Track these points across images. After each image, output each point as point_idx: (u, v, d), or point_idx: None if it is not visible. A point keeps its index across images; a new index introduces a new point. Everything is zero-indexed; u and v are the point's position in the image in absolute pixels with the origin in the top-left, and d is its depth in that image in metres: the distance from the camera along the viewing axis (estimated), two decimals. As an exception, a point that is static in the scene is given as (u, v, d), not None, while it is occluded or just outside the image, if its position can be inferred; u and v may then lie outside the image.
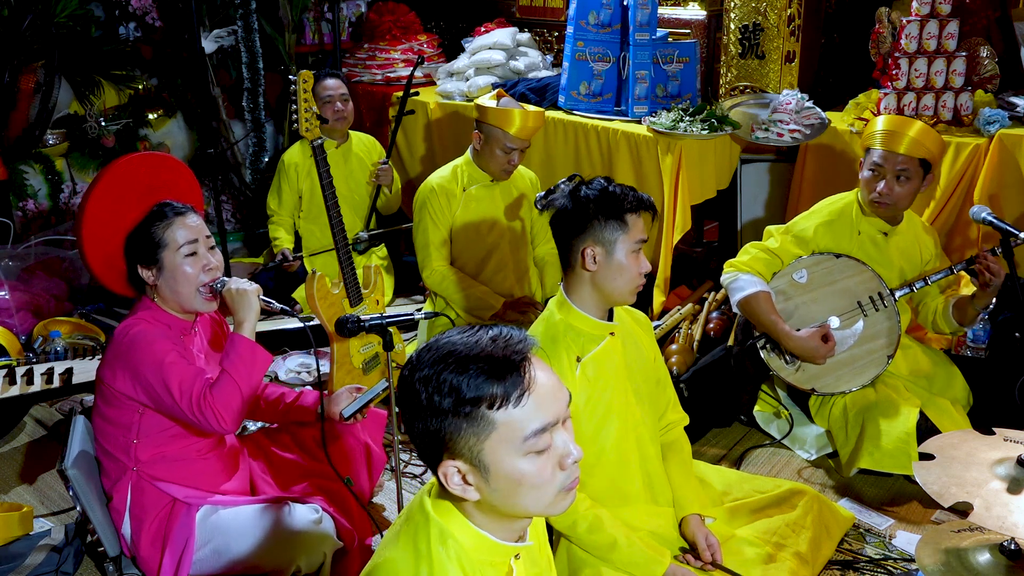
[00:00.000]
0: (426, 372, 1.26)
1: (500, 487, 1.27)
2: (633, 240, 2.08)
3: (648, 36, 3.83)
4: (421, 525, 1.34)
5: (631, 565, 2.04)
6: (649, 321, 2.41)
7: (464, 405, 1.23)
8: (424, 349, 1.30)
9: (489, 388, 1.23)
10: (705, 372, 3.13)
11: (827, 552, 2.44)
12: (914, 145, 2.79)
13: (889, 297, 2.89)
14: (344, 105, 3.99)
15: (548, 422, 1.27)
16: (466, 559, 1.32)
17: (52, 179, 4.41)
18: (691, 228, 3.82)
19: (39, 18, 4.15)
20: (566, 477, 1.30)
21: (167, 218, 2.21)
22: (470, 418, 1.24)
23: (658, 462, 2.29)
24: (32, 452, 3.17)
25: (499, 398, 1.23)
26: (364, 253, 4.19)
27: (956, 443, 1.95)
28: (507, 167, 3.35)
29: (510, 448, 1.25)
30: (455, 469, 1.27)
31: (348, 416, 2.51)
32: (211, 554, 2.23)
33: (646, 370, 2.28)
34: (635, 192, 2.11)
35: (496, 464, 1.26)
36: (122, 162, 2.30)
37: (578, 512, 2.06)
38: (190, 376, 2.12)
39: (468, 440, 1.25)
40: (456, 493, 1.29)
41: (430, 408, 1.25)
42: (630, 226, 2.07)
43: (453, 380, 1.24)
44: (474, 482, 1.28)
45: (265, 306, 2.28)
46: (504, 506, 1.30)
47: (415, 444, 1.31)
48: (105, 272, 2.28)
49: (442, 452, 1.27)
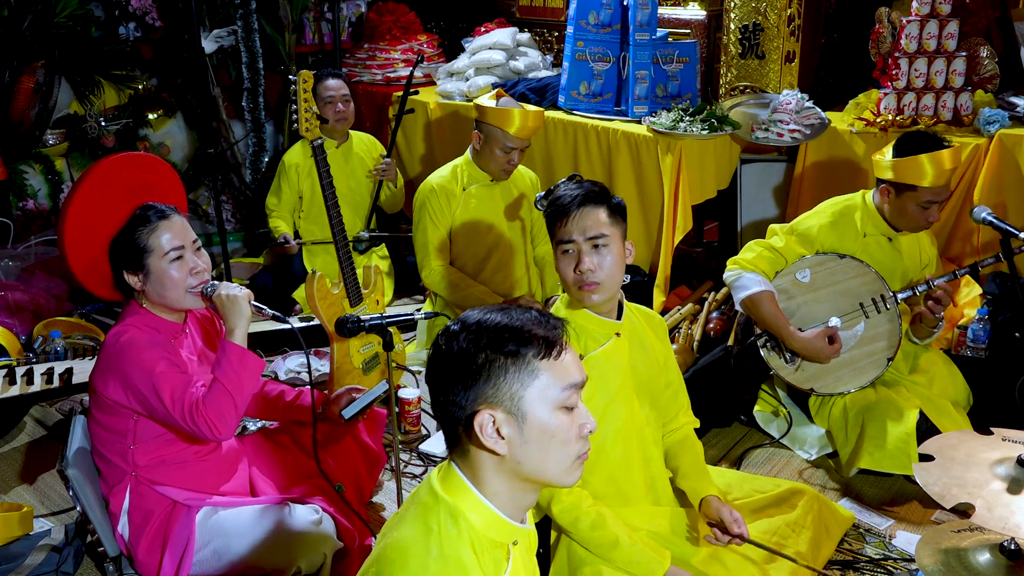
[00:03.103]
0: (476, 329, 1.34)
1: (532, 439, 1.34)
2: (557, 241, 2.14)
3: (648, 36, 3.84)
4: (431, 505, 1.37)
5: (632, 564, 2.04)
6: (665, 326, 2.39)
7: (516, 350, 1.32)
8: (462, 318, 1.38)
9: (536, 340, 1.34)
10: (705, 372, 3.13)
11: (827, 552, 2.44)
12: (953, 174, 2.83)
13: (891, 299, 2.89)
14: (345, 106, 3.99)
15: (580, 380, 1.39)
16: (476, 537, 1.36)
17: (52, 179, 4.41)
18: (691, 228, 3.82)
19: (39, 18, 4.15)
20: (583, 446, 1.39)
21: (151, 222, 2.17)
22: (519, 363, 1.33)
23: (661, 464, 2.28)
24: (32, 452, 3.17)
25: (544, 348, 1.34)
26: (364, 253, 4.19)
27: (956, 443, 1.95)
28: (507, 167, 3.35)
29: (547, 398, 1.34)
30: (491, 418, 1.33)
31: (348, 418, 2.51)
32: (211, 555, 2.22)
33: (653, 373, 2.27)
34: (570, 192, 2.15)
35: (533, 413, 1.33)
36: (101, 166, 2.26)
37: (581, 509, 2.06)
38: (181, 385, 2.09)
39: (512, 386, 1.32)
40: (488, 445, 1.33)
41: (479, 354, 1.32)
42: (556, 232, 2.14)
43: (505, 330, 1.34)
44: (507, 434, 1.33)
45: (257, 312, 2.24)
46: (528, 463, 1.35)
47: (444, 403, 1.36)
48: (90, 278, 2.25)
49: (480, 401, 1.33)
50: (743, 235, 4.06)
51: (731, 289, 2.96)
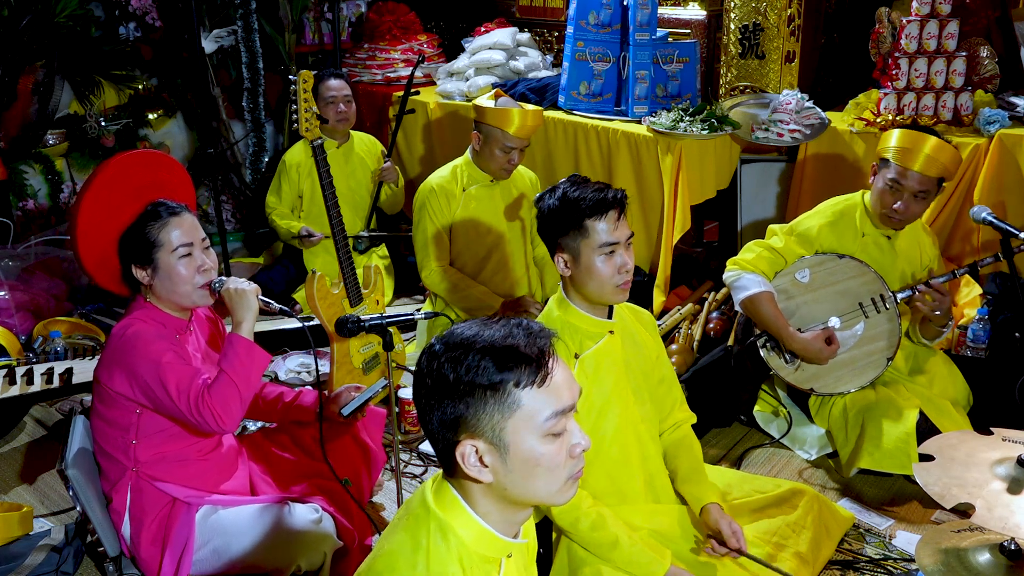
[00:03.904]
0: (456, 353, 1.29)
1: (516, 468, 1.30)
2: (596, 245, 2.07)
3: (648, 36, 3.84)
4: (422, 518, 1.36)
5: (632, 564, 2.04)
6: (654, 320, 2.41)
7: (495, 381, 1.27)
8: (447, 335, 1.33)
9: (518, 367, 1.28)
10: (705, 372, 3.13)
11: (827, 552, 2.44)
12: (933, 165, 2.76)
13: (891, 299, 2.89)
14: (347, 106, 3.99)
15: (567, 406, 1.32)
16: (465, 553, 1.34)
17: (52, 179, 4.41)
18: (691, 228, 3.82)
19: (39, 18, 4.15)
20: (574, 465, 1.35)
21: (161, 218, 2.20)
22: (498, 395, 1.27)
23: (659, 461, 2.28)
24: (32, 452, 3.17)
25: (526, 377, 1.28)
26: (365, 253, 4.19)
27: (955, 443, 1.95)
28: (507, 167, 3.35)
29: (531, 428, 1.29)
30: (473, 448, 1.30)
31: (347, 415, 2.51)
32: (211, 554, 2.22)
33: (647, 369, 2.28)
34: (598, 193, 2.08)
35: (516, 444, 1.29)
36: (116, 161, 2.28)
37: (580, 509, 2.06)
38: (187, 376, 2.11)
39: (492, 417, 1.28)
40: (471, 474, 1.31)
41: (458, 384, 1.28)
42: (591, 232, 2.07)
43: (484, 359, 1.27)
44: (491, 463, 1.30)
45: (264, 306, 2.27)
46: (515, 489, 1.33)
47: (431, 429, 1.33)
48: (100, 271, 2.26)
49: (461, 432, 1.30)
50: (743, 235, 4.06)
51: (731, 290, 2.96)
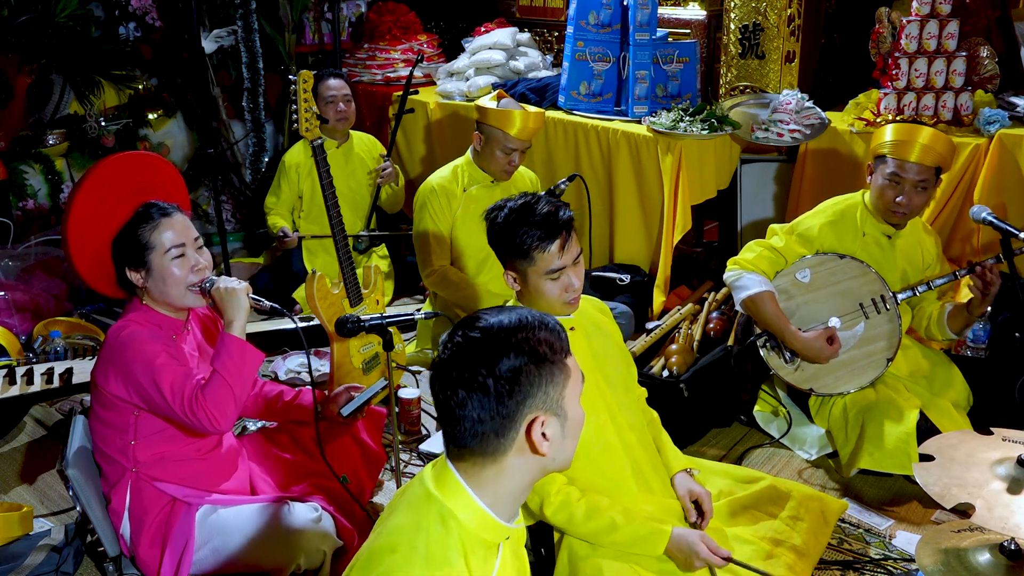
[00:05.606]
0: (521, 335, 1.33)
1: (571, 433, 1.39)
2: (543, 272, 2.06)
3: (648, 36, 3.84)
4: (423, 503, 1.37)
5: (635, 542, 2.04)
6: (606, 305, 2.41)
7: (559, 353, 1.36)
8: (479, 323, 1.35)
9: (560, 336, 1.38)
10: (705, 372, 3.13)
11: (824, 539, 2.41)
12: (930, 154, 2.77)
13: (891, 299, 2.89)
14: (347, 106, 3.99)
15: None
16: (466, 537, 1.36)
17: (52, 179, 4.40)
18: (691, 228, 3.83)
19: (39, 18, 4.15)
20: None
21: (153, 219, 2.19)
22: (559, 365, 1.35)
23: (642, 449, 2.27)
24: (32, 452, 3.17)
25: (565, 346, 1.39)
26: (365, 252, 4.19)
27: (955, 444, 1.95)
28: (508, 168, 3.36)
29: (575, 392, 1.39)
30: (542, 422, 1.34)
31: (347, 415, 2.51)
32: (211, 553, 2.22)
33: (613, 356, 2.28)
34: (544, 221, 2.04)
35: (571, 408, 1.38)
36: (106, 163, 2.27)
37: (572, 504, 2.06)
38: (181, 377, 2.10)
39: (557, 388, 1.35)
40: (542, 450, 1.35)
41: (532, 361, 1.32)
42: (537, 260, 2.06)
43: (545, 335, 1.35)
44: (552, 434, 1.35)
45: (255, 304, 2.25)
46: (561, 458, 1.40)
47: (461, 415, 1.32)
48: (94, 275, 2.26)
49: (522, 411, 1.33)
50: (743, 235, 4.06)
51: (731, 289, 2.96)
